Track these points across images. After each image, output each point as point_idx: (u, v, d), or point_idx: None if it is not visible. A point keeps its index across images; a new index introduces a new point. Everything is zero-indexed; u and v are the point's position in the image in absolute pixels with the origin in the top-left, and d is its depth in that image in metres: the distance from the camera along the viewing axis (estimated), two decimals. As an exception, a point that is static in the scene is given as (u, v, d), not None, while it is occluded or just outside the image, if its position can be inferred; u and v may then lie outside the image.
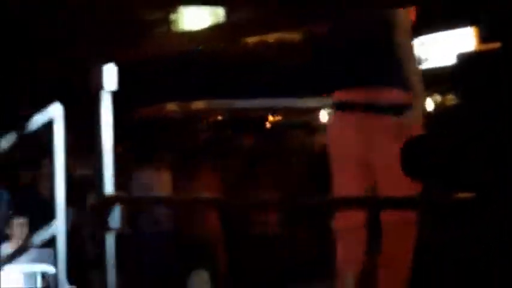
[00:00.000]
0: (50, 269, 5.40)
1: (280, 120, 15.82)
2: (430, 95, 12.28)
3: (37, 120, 3.69)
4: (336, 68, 3.93)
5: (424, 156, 2.31)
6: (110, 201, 3.16)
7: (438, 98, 12.92)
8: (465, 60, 2.35)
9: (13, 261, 4.56)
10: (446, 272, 4.25)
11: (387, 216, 3.66)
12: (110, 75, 3.02)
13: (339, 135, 3.87)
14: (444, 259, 4.36)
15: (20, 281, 5.40)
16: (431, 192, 2.51)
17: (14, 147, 3.74)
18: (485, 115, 2.14)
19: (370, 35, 3.78)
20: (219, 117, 15.69)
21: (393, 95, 3.75)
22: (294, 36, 14.02)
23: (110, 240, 3.11)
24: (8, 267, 4.30)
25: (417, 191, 3.20)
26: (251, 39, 12.46)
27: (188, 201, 6.28)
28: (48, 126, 3.73)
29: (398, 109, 3.74)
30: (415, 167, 2.37)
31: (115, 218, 3.10)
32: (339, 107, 3.91)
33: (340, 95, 3.87)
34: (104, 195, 3.13)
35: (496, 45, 2.20)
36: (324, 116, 13.70)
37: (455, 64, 2.34)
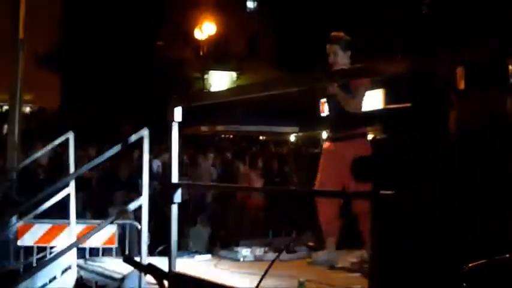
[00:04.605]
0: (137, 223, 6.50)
1: (267, 138, 24.44)
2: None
3: (134, 136, 5.13)
4: None
5: (366, 167, 3.10)
6: (174, 186, 4.30)
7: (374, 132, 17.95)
8: (389, 112, 3.05)
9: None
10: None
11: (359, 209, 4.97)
12: (178, 113, 4.31)
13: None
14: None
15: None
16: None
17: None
18: (402, 145, 2.87)
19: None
20: (231, 136, 24.36)
21: None
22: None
23: (175, 209, 4.20)
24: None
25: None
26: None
27: (221, 187, 10.13)
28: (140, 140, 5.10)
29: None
30: (361, 174, 3.22)
31: (177, 195, 4.24)
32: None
33: None
34: (171, 182, 4.28)
35: (408, 104, 2.92)
36: (292, 137, 24.24)
37: (383, 114, 3.04)
